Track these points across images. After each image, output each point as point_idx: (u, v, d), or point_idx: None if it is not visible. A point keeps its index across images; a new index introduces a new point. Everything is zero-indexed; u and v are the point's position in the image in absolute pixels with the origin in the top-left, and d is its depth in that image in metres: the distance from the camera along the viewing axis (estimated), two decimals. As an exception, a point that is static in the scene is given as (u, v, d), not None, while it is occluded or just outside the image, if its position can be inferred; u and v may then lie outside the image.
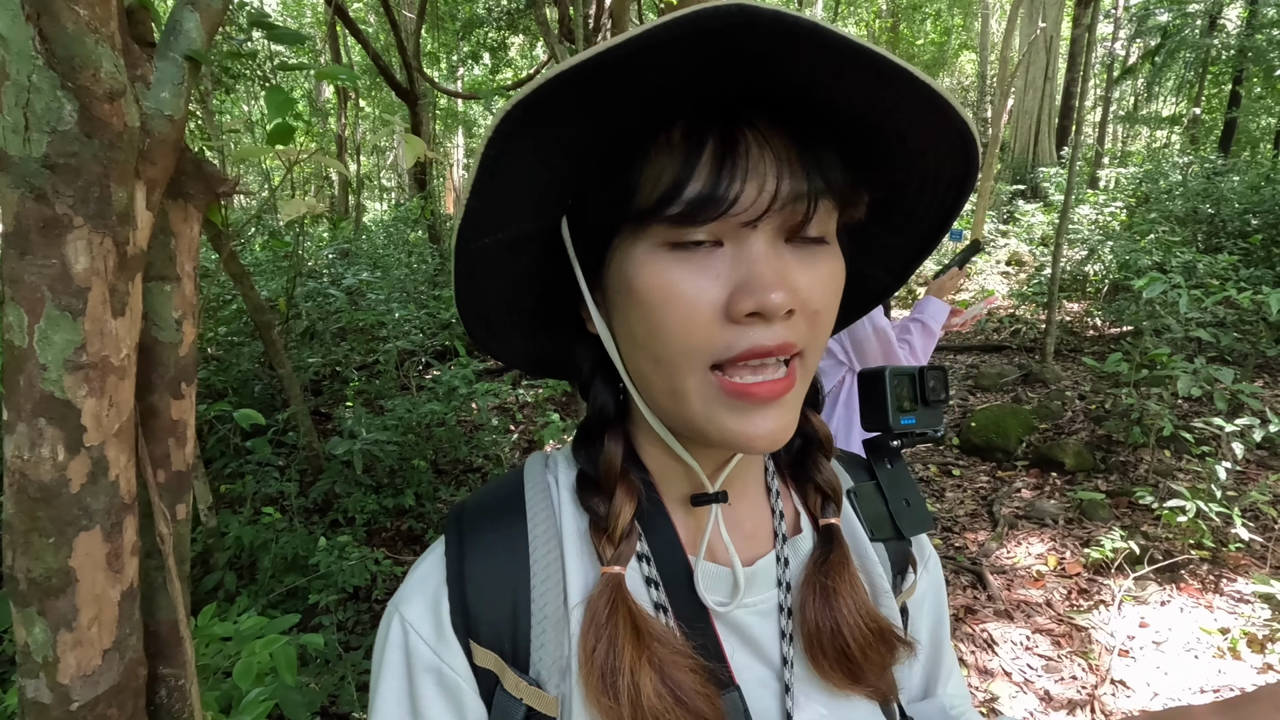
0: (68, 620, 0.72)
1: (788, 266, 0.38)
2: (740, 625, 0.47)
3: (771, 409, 0.39)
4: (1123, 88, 18.21)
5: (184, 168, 0.80)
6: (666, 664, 0.41)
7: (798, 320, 0.38)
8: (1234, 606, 2.81)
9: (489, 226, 0.39)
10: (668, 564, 0.46)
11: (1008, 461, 4.46)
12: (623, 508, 0.44)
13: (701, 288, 0.37)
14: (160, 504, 0.83)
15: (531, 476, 0.48)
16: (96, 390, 0.70)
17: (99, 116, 0.63)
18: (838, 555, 0.48)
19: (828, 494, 0.51)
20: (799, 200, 0.37)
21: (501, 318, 0.48)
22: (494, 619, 0.43)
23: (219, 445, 3.66)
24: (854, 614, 0.46)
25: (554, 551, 0.45)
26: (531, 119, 0.34)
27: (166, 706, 0.91)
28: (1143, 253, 5.91)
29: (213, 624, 1.40)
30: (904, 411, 0.56)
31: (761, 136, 0.37)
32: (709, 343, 0.37)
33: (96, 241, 0.67)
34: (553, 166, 0.38)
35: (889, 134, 0.38)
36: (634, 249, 0.39)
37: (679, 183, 0.36)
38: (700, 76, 0.34)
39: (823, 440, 0.52)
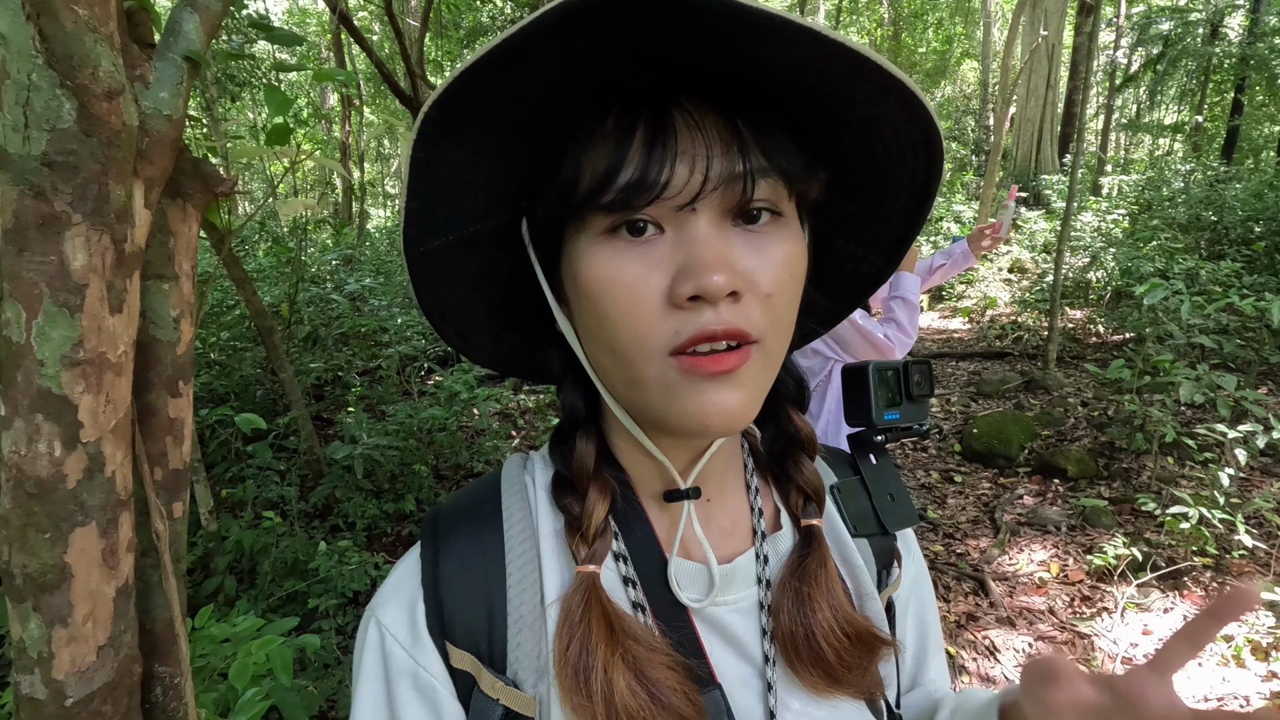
0: (63, 616, 0.72)
1: (732, 248, 0.37)
2: (721, 623, 0.46)
3: (725, 385, 0.37)
4: (1125, 95, 18.24)
5: (182, 167, 0.81)
6: (642, 661, 0.41)
7: (748, 303, 0.37)
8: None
9: (436, 229, 0.39)
10: (645, 562, 0.46)
11: (1010, 468, 4.44)
12: (596, 507, 0.44)
13: (643, 275, 0.37)
14: (156, 501, 0.83)
15: (508, 478, 0.48)
16: (94, 386, 0.70)
17: (97, 115, 0.64)
18: (815, 559, 0.48)
19: (809, 494, 0.50)
20: (735, 180, 0.36)
21: (468, 319, 0.48)
22: (470, 620, 0.43)
23: (220, 449, 3.67)
24: (829, 620, 0.45)
25: (530, 551, 0.45)
26: (453, 119, 0.34)
27: (162, 705, 0.91)
28: (1145, 259, 5.90)
29: (210, 625, 1.40)
30: (888, 406, 0.56)
31: (694, 118, 0.36)
32: (656, 330, 0.37)
33: (94, 239, 0.67)
34: (488, 164, 0.38)
35: (834, 105, 0.37)
36: (579, 241, 0.39)
37: (611, 170, 0.36)
38: (617, 61, 0.33)
39: (805, 440, 0.51)
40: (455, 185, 0.38)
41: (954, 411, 5.68)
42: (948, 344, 7.85)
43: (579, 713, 0.40)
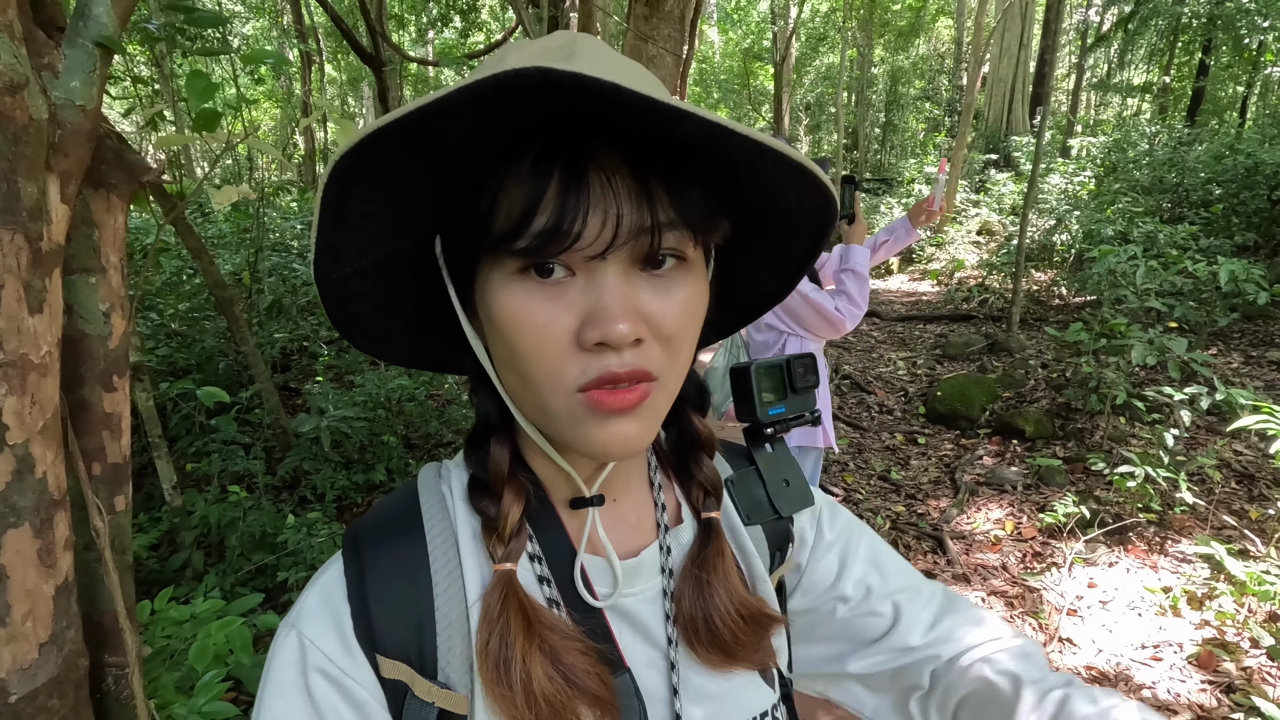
0: (1, 616, 0.72)
1: (638, 295, 0.39)
2: (628, 612, 0.50)
3: (626, 419, 0.41)
4: (1096, 55, 18.25)
5: (104, 157, 0.78)
6: (558, 649, 0.43)
7: (649, 346, 0.40)
8: (1177, 566, 2.95)
9: (349, 258, 0.41)
10: (558, 561, 0.48)
11: (971, 430, 4.57)
12: (510, 508, 0.46)
13: (553, 317, 0.39)
14: (94, 498, 0.83)
15: (425, 488, 0.50)
16: (17, 389, 0.69)
17: (1, 110, 0.61)
18: (714, 548, 0.51)
19: (708, 489, 0.54)
20: (644, 233, 0.38)
21: (382, 328, 0.49)
22: (400, 631, 0.44)
23: (183, 424, 3.62)
24: (725, 603, 0.49)
25: (452, 557, 0.46)
26: (366, 163, 0.35)
27: (114, 694, 0.92)
28: (1107, 222, 6.01)
29: (170, 608, 1.41)
30: (772, 403, 0.60)
31: (606, 172, 0.38)
32: (564, 368, 0.39)
33: (6, 239, 0.65)
34: (402, 200, 0.39)
35: (736, 171, 0.40)
36: (492, 276, 0.41)
37: (525, 216, 0.37)
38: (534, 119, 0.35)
39: (704, 440, 0.55)
40: (368, 218, 0.39)
41: (920, 374, 5.80)
42: (916, 306, 7.96)
43: (501, 703, 0.42)
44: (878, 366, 6.16)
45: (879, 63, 20.65)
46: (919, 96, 20.13)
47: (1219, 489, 3.35)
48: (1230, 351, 5.17)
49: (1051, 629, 2.63)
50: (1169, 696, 2.28)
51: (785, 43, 13.96)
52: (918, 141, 17.96)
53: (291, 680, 0.43)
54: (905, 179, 12.30)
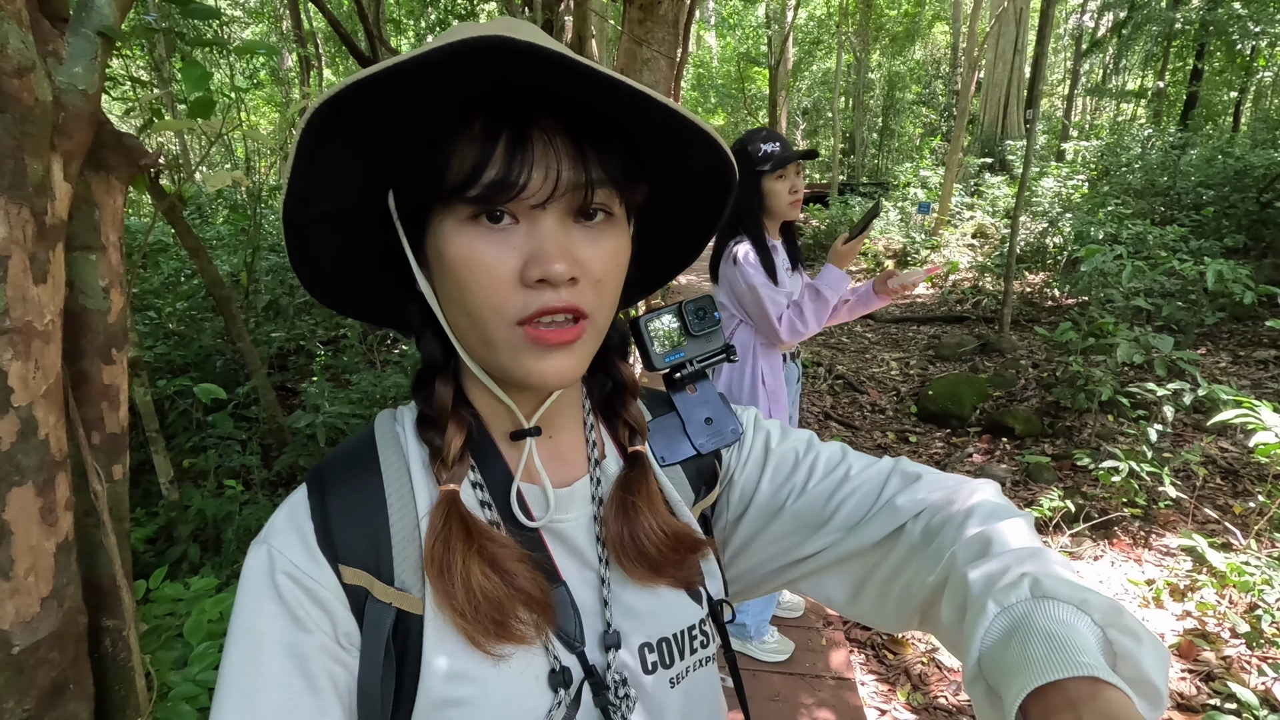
0: (4, 569, 0.77)
1: (573, 241, 0.46)
2: (564, 535, 0.55)
3: (561, 353, 0.47)
4: (1091, 61, 18.37)
5: (104, 141, 0.83)
6: (497, 556, 0.49)
7: (583, 287, 0.46)
8: (1160, 560, 2.99)
9: (314, 201, 0.46)
10: (498, 488, 0.54)
11: (962, 428, 4.62)
12: (454, 438, 0.52)
13: (500, 258, 0.45)
14: (93, 463, 0.87)
15: (381, 428, 0.56)
16: (22, 354, 0.74)
17: (9, 92, 0.66)
18: (637, 474, 0.57)
19: (634, 427, 0.60)
20: (579, 188, 0.44)
21: (336, 276, 0.54)
22: (359, 544, 0.50)
23: (180, 420, 3.65)
24: (649, 522, 0.55)
25: (405, 482, 0.52)
26: (339, 117, 0.40)
27: (112, 655, 0.96)
28: (1098, 225, 6.06)
29: (164, 587, 1.45)
30: (670, 349, 0.64)
31: (547, 134, 0.44)
32: (508, 303, 0.45)
33: (14, 212, 0.70)
34: (367, 153, 0.44)
35: (650, 138, 0.46)
36: (444, 223, 0.46)
37: (477, 169, 0.43)
38: (485, 85, 0.41)
39: (628, 383, 0.61)
40: (334, 168, 0.44)
41: (912, 375, 5.85)
42: (910, 309, 8.00)
43: (446, 599, 0.48)
44: (871, 367, 6.20)
45: (875, 68, 20.75)
46: (915, 101, 20.24)
47: (1203, 484, 3.39)
48: (1219, 351, 5.22)
49: (1036, 620, 2.67)
50: (1149, 685, 2.32)
51: (781, 47, 14.05)
52: (914, 146, 18.04)
53: (262, 584, 0.48)
54: (901, 183, 12.37)
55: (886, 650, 2.61)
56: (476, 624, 0.48)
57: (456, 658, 0.48)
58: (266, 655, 0.46)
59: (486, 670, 0.49)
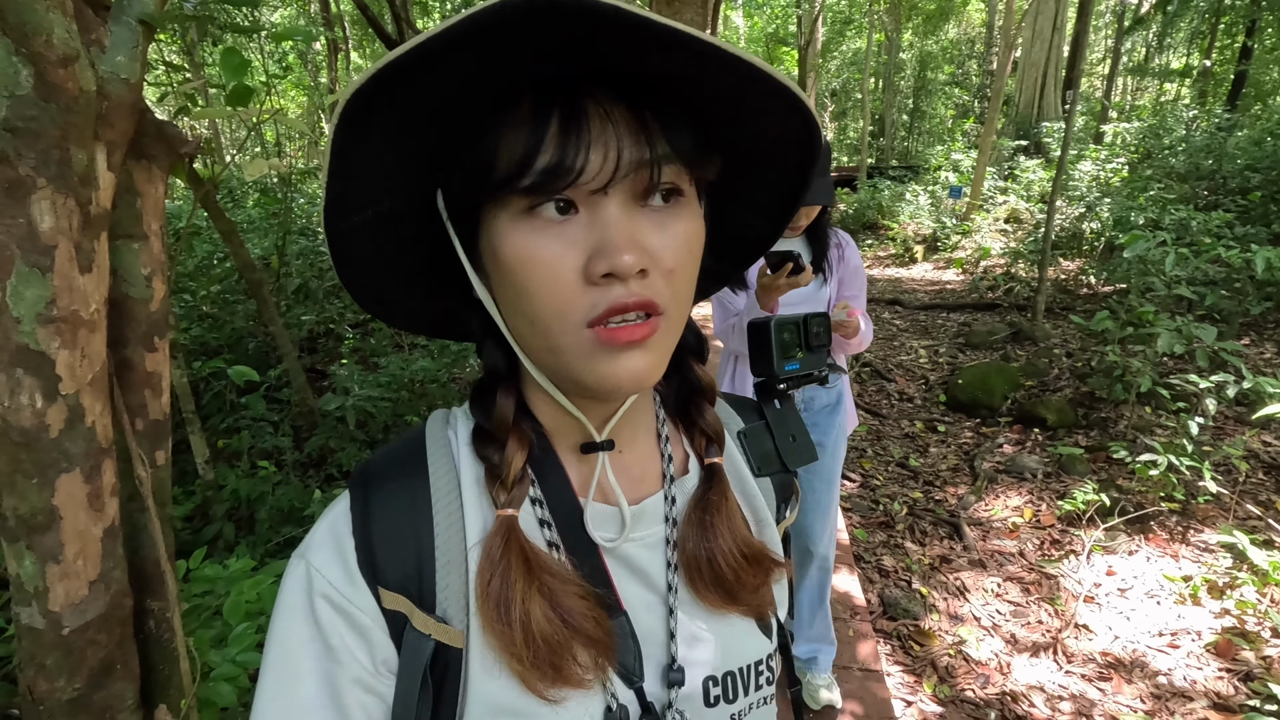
0: (54, 554, 0.78)
1: (640, 229, 0.41)
2: (628, 558, 0.51)
3: (635, 352, 0.42)
4: (1133, 39, 17.73)
5: (145, 130, 0.83)
6: (556, 592, 0.45)
7: (654, 278, 0.41)
8: (1198, 556, 2.92)
9: (356, 206, 0.42)
10: (559, 506, 0.50)
11: (992, 418, 4.54)
12: (514, 456, 0.47)
13: (559, 254, 0.40)
14: (138, 449, 0.89)
15: (433, 433, 0.51)
16: (69, 342, 0.75)
17: (54, 81, 0.66)
18: (717, 491, 0.53)
19: (711, 436, 0.55)
20: (643, 166, 0.40)
21: (387, 286, 0.50)
22: (401, 565, 0.46)
23: (215, 401, 3.73)
24: (729, 543, 0.51)
25: (454, 499, 0.48)
26: (372, 106, 0.36)
27: (155, 636, 0.99)
28: (1138, 210, 5.88)
29: (204, 567, 1.48)
30: (789, 358, 0.62)
31: (604, 109, 0.39)
32: (574, 304, 0.41)
33: (60, 202, 0.70)
34: (409, 148, 0.41)
35: (722, 101, 0.41)
36: (498, 220, 0.42)
37: (529, 155, 0.38)
38: (527, 58, 0.36)
39: (705, 388, 0.56)
40: (372, 166, 0.40)
41: (941, 362, 5.75)
42: (940, 295, 7.87)
43: (501, 639, 0.44)
44: (899, 354, 6.12)
45: (907, 47, 20.28)
46: (948, 82, 19.74)
47: (1245, 479, 3.29)
48: (1264, 342, 5.05)
49: (1068, 615, 2.63)
50: (1184, 683, 2.28)
51: (811, 27, 13.77)
52: (945, 128, 17.63)
53: (299, 605, 0.46)
54: (932, 166, 12.11)
55: (913, 641, 2.59)
56: (534, 668, 0.44)
57: (504, 696, 0.45)
58: (302, 683, 0.45)
59: (535, 707, 0.45)
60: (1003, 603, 2.81)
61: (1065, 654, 2.47)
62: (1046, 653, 2.49)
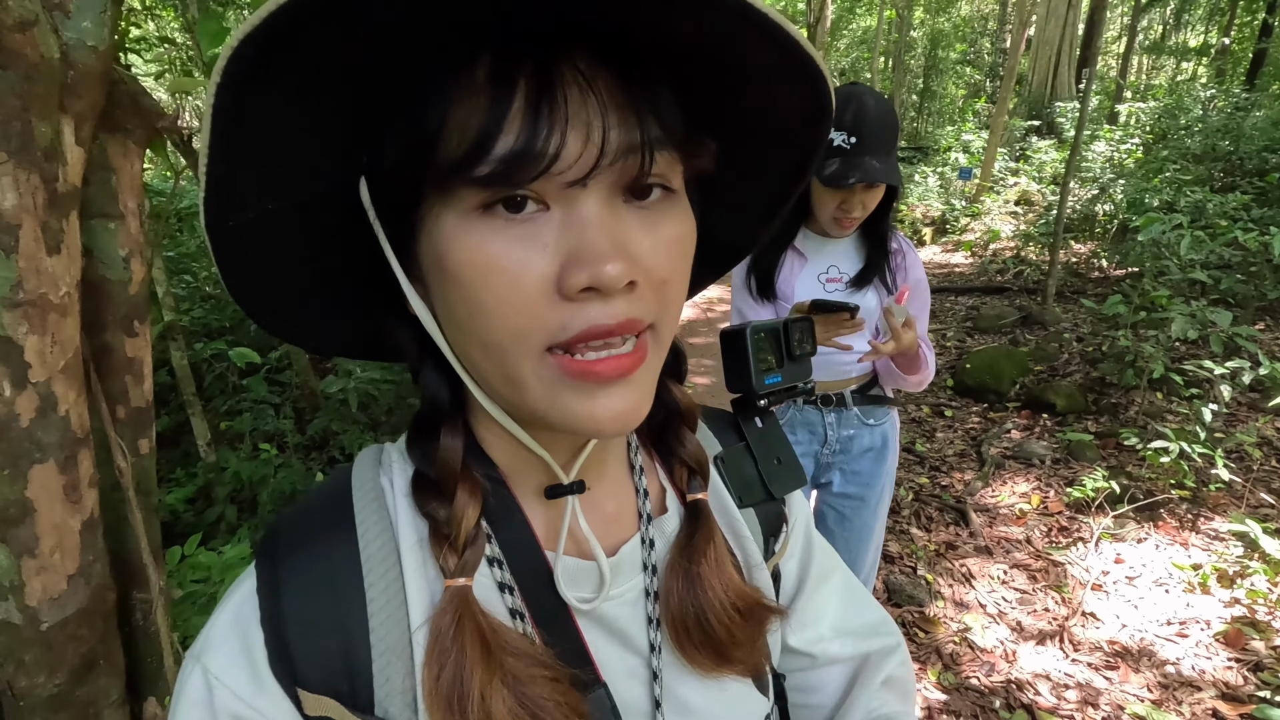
0: (29, 548, 0.76)
1: (627, 230, 0.33)
2: (605, 617, 0.43)
3: (618, 388, 0.34)
4: (1150, 16, 17.37)
5: (119, 101, 0.79)
6: (522, 680, 0.37)
7: (642, 291, 0.33)
8: (1209, 544, 2.88)
9: (250, 196, 0.32)
10: (523, 565, 0.42)
11: (1000, 403, 4.49)
12: (465, 511, 0.39)
13: (525, 261, 0.32)
14: (117, 439, 0.86)
15: (360, 481, 0.42)
16: (38, 328, 0.71)
17: (11, 47, 0.62)
18: (702, 535, 0.45)
19: (693, 468, 0.48)
20: (633, 152, 0.31)
21: (292, 300, 0.40)
22: (325, 659, 0.37)
23: (217, 384, 3.72)
24: (719, 596, 0.44)
25: (391, 567, 0.39)
26: (271, 59, 0.26)
27: (143, 628, 0.96)
28: (1153, 192, 5.77)
29: (199, 553, 1.47)
30: (768, 370, 0.54)
31: (584, 76, 0.31)
32: (540, 323, 0.32)
33: (23, 178, 0.66)
34: (317, 115, 0.31)
35: (730, 70, 0.33)
36: (443, 216, 0.33)
37: (486, 135, 0.30)
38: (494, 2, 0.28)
39: (684, 411, 0.48)
40: (272, 142, 0.30)
41: (949, 347, 5.69)
42: (948, 278, 7.77)
43: None
44: (906, 338, 6.06)
45: (918, 25, 19.93)
46: (959, 61, 19.42)
47: (1258, 467, 3.25)
48: (1279, 326, 4.97)
49: (1075, 603, 2.60)
50: (1193, 672, 2.25)
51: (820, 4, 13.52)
52: (956, 108, 17.39)
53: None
54: (942, 146, 11.94)
55: (918, 629, 2.57)
56: None
57: None
58: None
59: None
60: (1009, 590, 2.79)
61: (1072, 642, 2.44)
62: (1053, 641, 2.46)
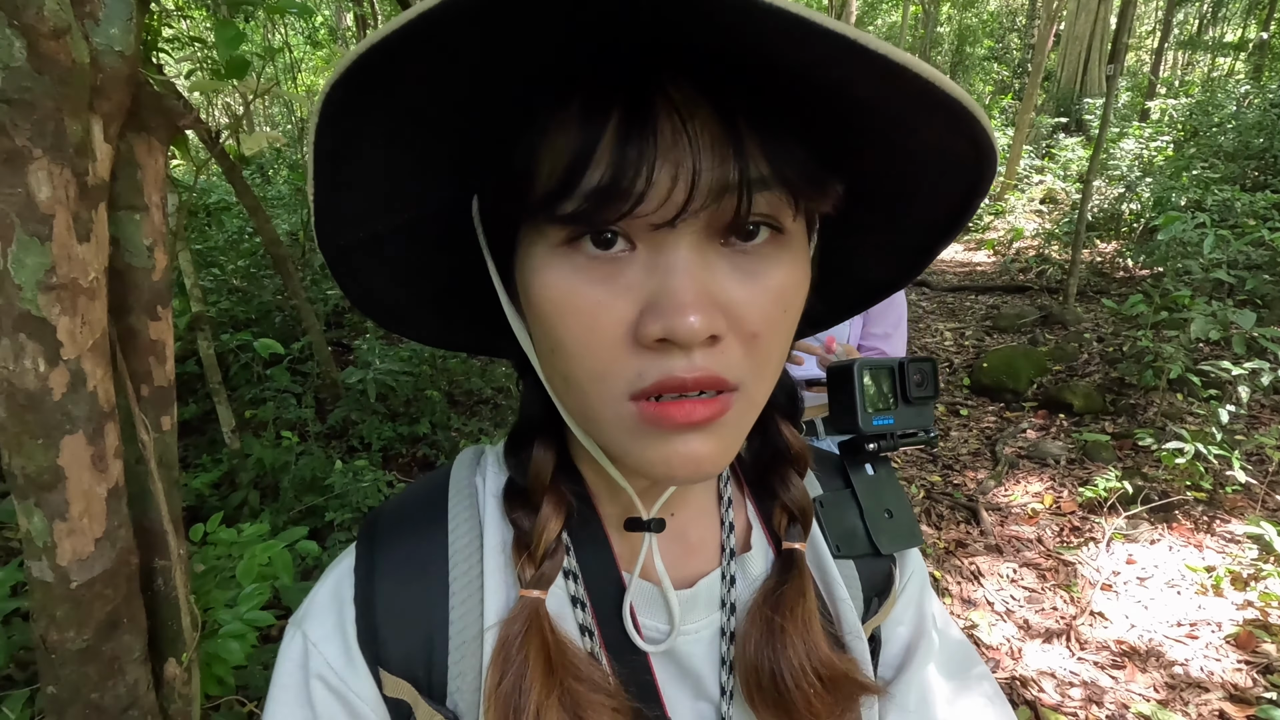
0: (61, 512, 0.82)
1: (716, 277, 0.31)
2: (677, 653, 0.42)
3: (695, 435, 0.32)
4: (1186, 10, 16.93)
5: (144, 102, 0.85)
6: (582, 704, 0.36)
7: (728, 346, 0.31)
8: (1223, 546, 2.85)
9: (361, 218, 0.33)
10: (598, 583, 0.41)
11: (1016, 402, 4.46)
12: (548, 523, 0.39)
13: (604, 303, 0.30)
14: (141, 415, 0.92)
15: (457, 479, 0.43)
16: (69, 309, 0.78)
17: (46, 54, 0.68)
18: (794, 587, 0.42)
19: (795, 515, 0.45)
20: (728, 193, 0.29)
21: (408, 306, 0.42)
22: (407, 644, 0.39)
23: (242, 373, 3.83)
24: (800, 659, 0.40)
25: (474, 565, 0.40)
26: (367, 99, 0.27)
27: (164, 593, 1.03)
28: (1180, 190, 5.66)
29: (220, 531, 1.54)
30: (879, 411, 0.50)
31: (681, 111, 0.29)
32: (617, 369, 0.31)
33: (56, 172, 0.73)
34: (420, 148, 0.31)
35: (858, 110, 0.29)
36: (534, 247, 0.33)
37: (574, 169, 0.29)
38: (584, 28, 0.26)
39: (796, 455, 0.46)
40: (377, 170, 0.31)
41: (967, 345, 5.65)
42: (969, 277, 7.69)
43: None
44: (924, 337, 6.03)
45: (945, 21, 19.64)
46: (986, 57, 19.11)
47: (1276, 469, 3.20)
48: (1308, 328, 4.86)
49: (1084, 603, 2.59)
50: (1201, 674, 2.24)
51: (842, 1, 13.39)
52: (983, 105, 17.10)
53: (295, 684, 0.39)
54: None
55: (923, 624, 2.59)
56: None
57: None
58: None
59: None
60: (1017, 588, 2.78)
61: (1079, 641, 2.44)
62: (1059, 639, 2.46)
